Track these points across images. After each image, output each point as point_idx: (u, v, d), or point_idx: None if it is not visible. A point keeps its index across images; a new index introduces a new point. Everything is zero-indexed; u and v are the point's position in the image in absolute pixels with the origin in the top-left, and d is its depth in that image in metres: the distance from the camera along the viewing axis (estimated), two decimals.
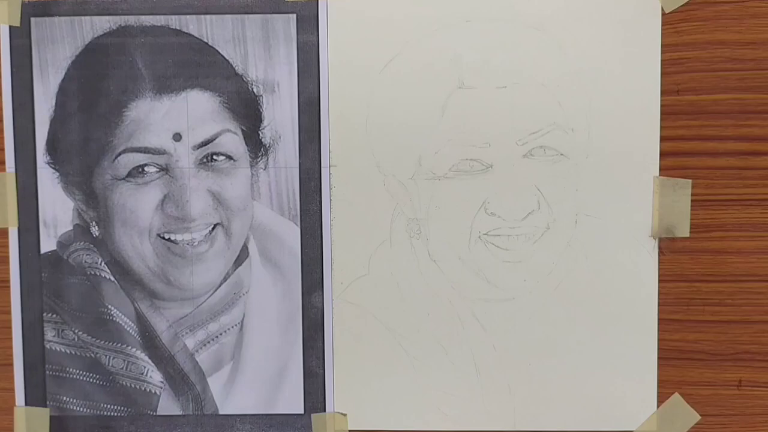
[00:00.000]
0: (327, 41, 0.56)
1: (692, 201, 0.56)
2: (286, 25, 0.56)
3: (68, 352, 0.58)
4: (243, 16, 0.56)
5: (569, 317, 0.57)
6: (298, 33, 0.56)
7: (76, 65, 0.56)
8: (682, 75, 0.55)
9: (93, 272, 0.57)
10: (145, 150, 0.56)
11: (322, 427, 0.57)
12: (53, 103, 0.56)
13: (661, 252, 0.56)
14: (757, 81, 0.55)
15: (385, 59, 0.56)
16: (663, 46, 0.55)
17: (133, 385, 0.58)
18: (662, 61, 0.55)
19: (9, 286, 0.57)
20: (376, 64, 0.56)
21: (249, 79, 0.56)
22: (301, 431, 0.58)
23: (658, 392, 0.57)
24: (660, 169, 0.56)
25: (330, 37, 0.56)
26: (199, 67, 0.56)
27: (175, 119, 0.56)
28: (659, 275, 0.56)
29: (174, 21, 0.56)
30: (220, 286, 0.57)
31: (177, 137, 0.56)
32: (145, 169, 0.56)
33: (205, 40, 0.56)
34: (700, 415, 0.57)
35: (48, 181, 0.57)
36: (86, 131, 0.56)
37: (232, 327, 0.57)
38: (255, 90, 0.56)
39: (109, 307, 0.57)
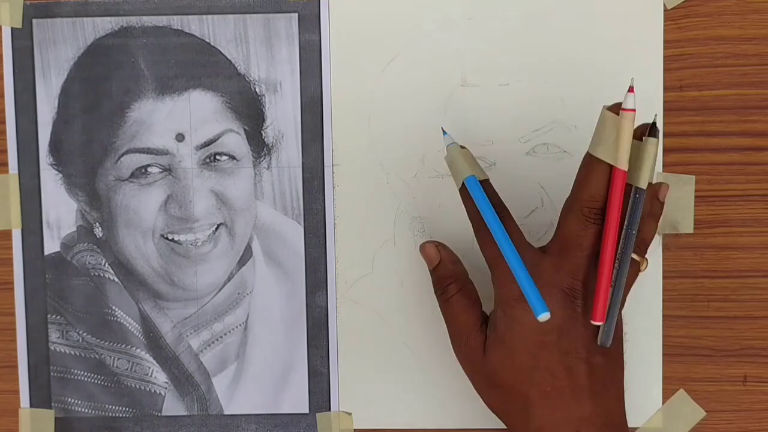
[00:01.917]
0: (329, 40, 0.56)
1: (695, 197, 0.56)
2: (288, 24, 0.56)
3: (73, 353, 0.58)
4: (245, 16, 0.56)
5: None
6: (300, 32, 0.56)
7: (78, 66, 0.56)
8: (684, 71, 0.55)
9: (97, 273, 0.57)
10: (147, 151, 0.56)
11: (327, 426, 0.57)
12: (56, 105, 0.56)
13: (665, 248, 0.56)
14: (759, 76, 0.55)
15: (387, 58, 0.56)
16: (665, 42, 0.55)
17: (137, 386, 0.58)
18: (665, 57, 0.55)
19: (13, 288, 0.57)
20: (378, 62, 0.56)
21: (251, 78, 0.56)
22: (306, 430, 0.58)
23: (663, 388, 0.56)
24: (663, 166, 0.56)
25: (332, 36, 0.56)
26: (202, 67, 0.56)
27: (177, 120, 0.56)
28: (663, 271, 0.56)
29: (176, 21, 0.56)
30: (224, 286, 0.57)
31: (180, 138, 0.56)
32: (148, 169, 0.56)
33: (207, 41, 0.56)
34: (706, 411, 0.57)
35: (51, 182, 0.57)
36: (89, 132, 0.56)
37: (237, 327, 0.57)
38: (257, 90, 0.56)
39: (113, 308, 0.57)
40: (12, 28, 0.56)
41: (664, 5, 0.55)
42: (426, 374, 0.57)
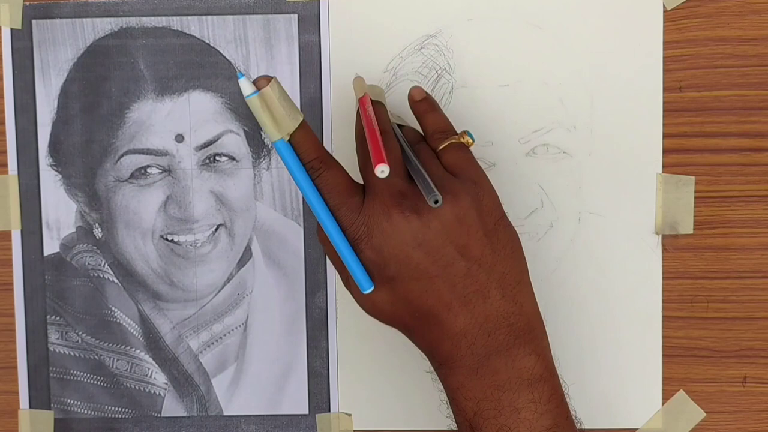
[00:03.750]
0: (329, 41, 0.56)
1: (695, 198, 0.56)
2: (287, 25, 0.56)
3: (72, 354, 0.58)
4: (244, 17, 0.56)
5: (573, 315, 0.57)
6: (300, 33, 0.56)
7: (77, 67, 0.56)
8: (684, 72, 0.55)
9: (96, 274, 0.57)
10: (147, 151, 0.56)
11: (326, 427, 0.57)
12: (55, 105, 0.56)
13: (664, 249, 0.56)
14: (758, 77, 0.55)
15: (387, 58, 0.56)
16: (665, 43, 0.55)
17: (137, 387, 0.58)
18: (664, 58, 0.55)
19: (12, 289, 0.57)
20: (377, 63, 0.56)
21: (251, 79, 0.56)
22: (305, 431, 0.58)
23: (663, 389, 0.57)
24: (663, 166, 0.56)
25: (331, 37, 0.56)
26: (201, 68, 0.56)
27: (177, 120, 0.56)
28: (663, 272, 0.56)
29: (175, 22, 0.56)
30: (223, 287, 0.57)
31: (179, 138, 0.56)
32: (148, 170, 0.56)
33: (207, 41, 0.56)
34: (705, 412, 0.57)
35: (50, 183, 0.57)
36: (88, 133, 0.56)
37: (236, 328, 0.57)
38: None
39: (113, 309, 0.57)
40: (12, 29, 0.56)
41: (664, 6, 0.55)
42: (426, 375, 0.57)
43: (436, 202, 0.42)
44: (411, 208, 0.44)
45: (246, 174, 0.56)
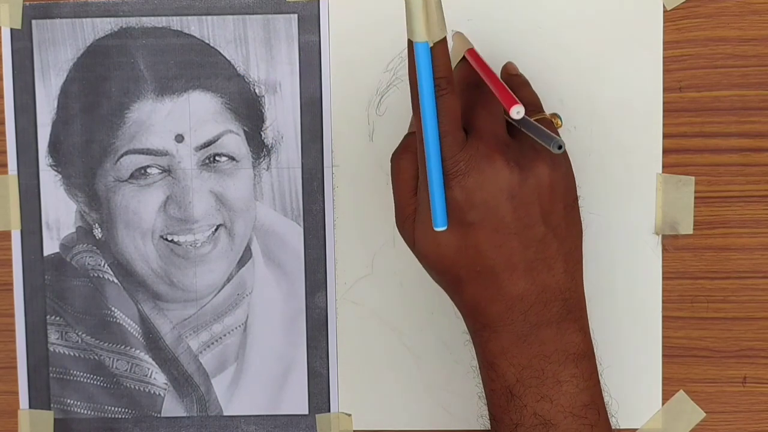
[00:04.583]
0: (329, 41, 0.56)
1: (695, 198, 0.56)
2: (287, 25, 0.56)
3: (72, 354, 0.58)
4: (244, 17, 0.56)
5: None
6: (300, 33, 0.56)
7: (77, 67, 0.56)
8: (684, 72, 0.55)
9: (96, 274, 0.57)
10: (147, 152, 0.56)
11: (326, 427, 0.57)
12: (55, 105, 0.56)
13: (664, 249, 0.56)
14: (758, 77, 0.55)
15: (387, 58, 0.56)
16: (665, 43, 0.55)
17: (137, 387, 0.58)
18: (664, 58, 0.55)
19: (12, 289, 0.57)
20: (378, 63, 0.56)
21: (251, 79, 0.56)
22: None
23: (663, 389, 0.57)
24: (663, 167, 0.56)
25: (331, 36, 0.56)
26: (201, 68, 0.56)
27: (177, 120, 0.56)
28: (663, 272, 0.56)
29: (175, 22, 0.56)
30: (223, 287, 0.57)
31: (179, 138, 0.56)
32: (148, 170, 0.56)
33: (207, 41, 0.56)
34: (705, 412, 0.57)
35: (50, 183, 0.57)
36: (88, 133, 0.56)
37: (236, 328, 0.57)
38: (257, 90, 0.56)
39: (113, 309, 0.57)
40: (11, 29, 0.56)
41: (664, 6, 0.55)
42: (426, 375, 0.57)
43: (559, 147, 0.41)
44: (514, 159, 0.43)
45: (246, 174, 0.56)
